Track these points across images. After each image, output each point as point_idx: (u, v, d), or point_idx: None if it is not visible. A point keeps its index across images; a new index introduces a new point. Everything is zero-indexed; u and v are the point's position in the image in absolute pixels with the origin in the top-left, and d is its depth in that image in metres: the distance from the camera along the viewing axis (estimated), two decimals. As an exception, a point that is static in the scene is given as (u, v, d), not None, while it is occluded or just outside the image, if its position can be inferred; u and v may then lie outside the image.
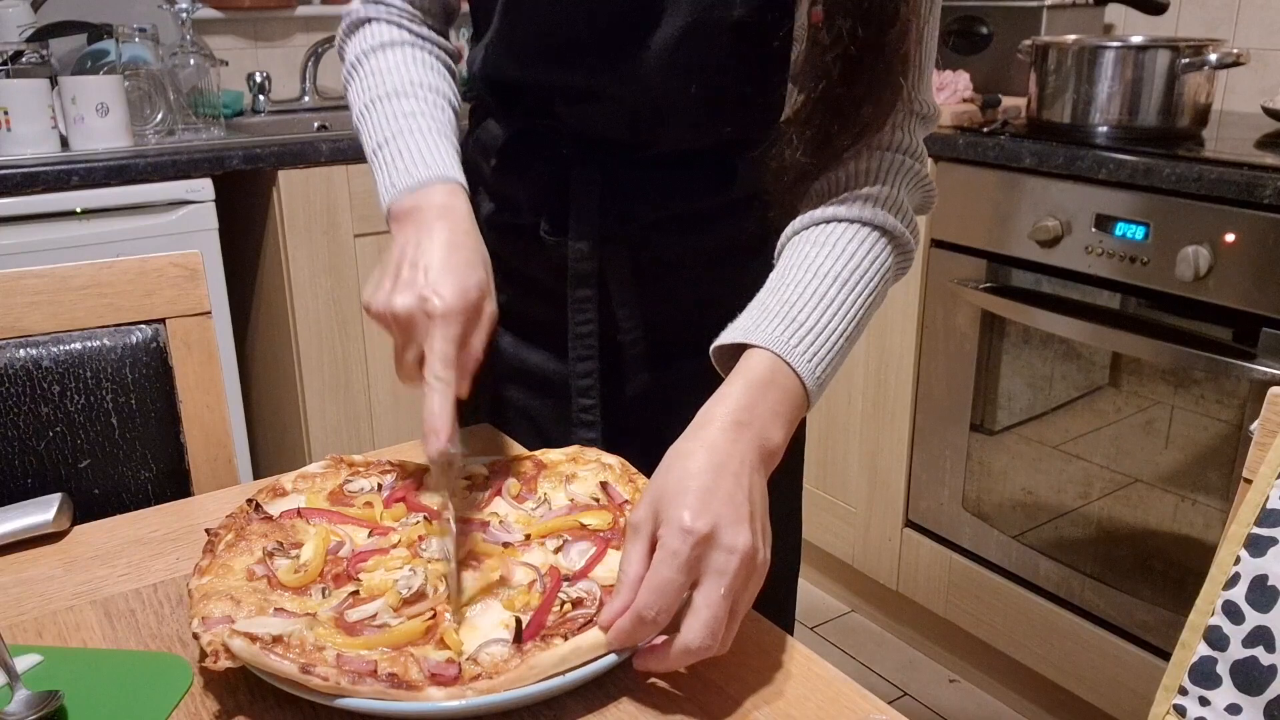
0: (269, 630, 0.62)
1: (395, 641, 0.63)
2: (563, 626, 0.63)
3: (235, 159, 1.94)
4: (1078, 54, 1.77)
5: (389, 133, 0.84)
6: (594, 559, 0.71)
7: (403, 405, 2.23)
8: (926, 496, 2.05)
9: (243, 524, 0.75)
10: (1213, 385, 1.59)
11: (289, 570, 0.70)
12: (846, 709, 0.63)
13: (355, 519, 0.77)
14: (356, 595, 0.67)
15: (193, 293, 1.05)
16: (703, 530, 0.62)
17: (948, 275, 1.90)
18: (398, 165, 0.81)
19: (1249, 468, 0.75)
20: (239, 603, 0.65)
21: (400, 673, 0.60)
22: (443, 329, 0.71)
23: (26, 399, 0.97)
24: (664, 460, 0.67)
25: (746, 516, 0.64)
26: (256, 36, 2.55)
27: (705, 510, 0.62)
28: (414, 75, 0.88)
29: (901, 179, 0.81)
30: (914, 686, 2.10)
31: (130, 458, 1.01)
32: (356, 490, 0.81)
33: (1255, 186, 1.45)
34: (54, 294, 1.00)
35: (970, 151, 1.81)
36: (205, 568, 0.70)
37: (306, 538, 0.74)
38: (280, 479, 0.82)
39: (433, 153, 0.82)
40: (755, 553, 0.63)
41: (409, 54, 0.89)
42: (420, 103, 0.86)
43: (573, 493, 0.80)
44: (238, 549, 0.72)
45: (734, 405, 0.68)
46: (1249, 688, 0.69)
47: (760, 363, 0.70)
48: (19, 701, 0.61)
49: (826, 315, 0.73)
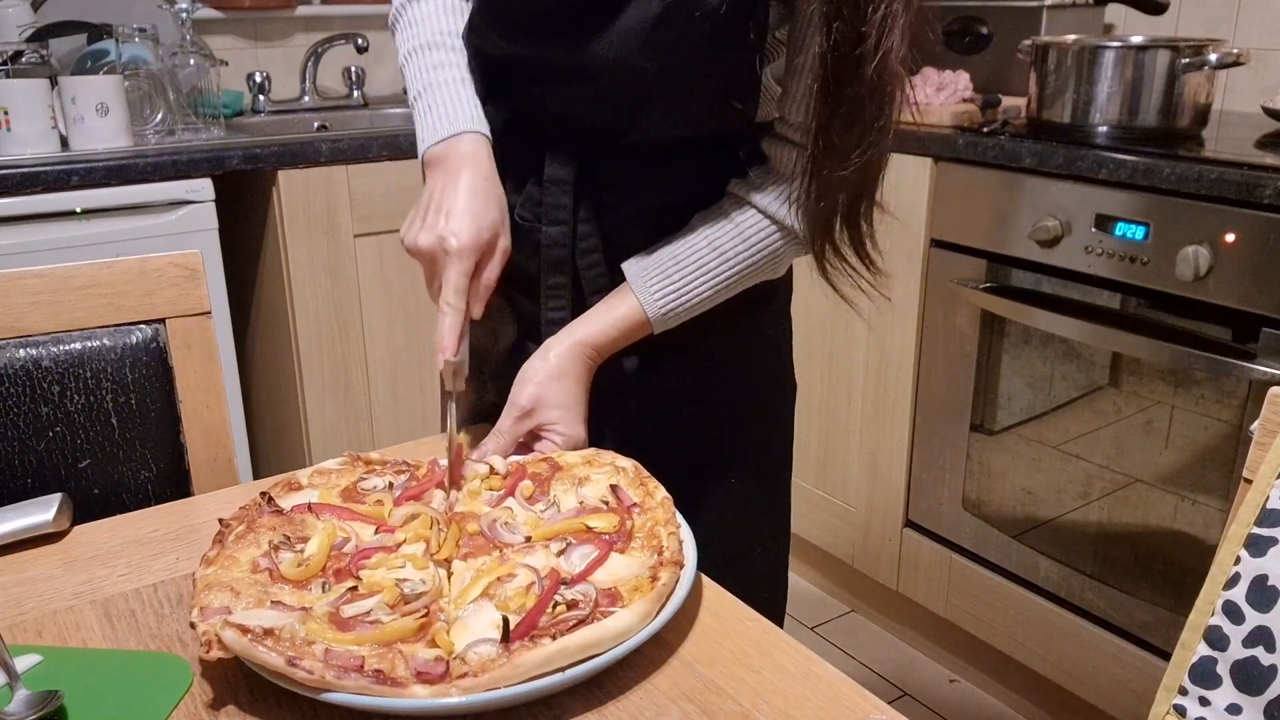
0: (261, 623, 0.62)
1: (386, 638, 0.63)
2: (554, 628, 0.63)
3: (235, 159, 1.94)
4: (1078, 54, 1.77)
5: (422, 85, 0.94)
6: (595, 562, 0.71)
7: (402, 405, 2.23)
8: (926, 496, 2.05)
9: (254, 516, 0.75)
10: (1213, 385, 1.59)
11: (292, 564, 0.70)
12: (846, 709, 0.63)
13: (364, 516, 0.77)
14: (355, 591, 0.67)
15: (193, 293, 1.05)
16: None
17: (948, 275, 1.90)
18: (430, 118, 0.92)
19: (1249, 468, 0.75)
20: (239, 594, 0.65)
21: (386, 669, 0.60)
22: (457, 264, 0.85)
23: (26, 399, 0.97)
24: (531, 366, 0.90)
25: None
26: (256, 36, 2.55)
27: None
28: (444, 24, 0.96)
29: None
30: (914, 686, 2.10)
31: (130, 458, 1.01)
32: (369, 488, 0.82)
33: (1255, 186, 1.45)
34: (54, 294, 1.00)
35: (970, 151, 1.81)
36: (212, 558, 0.70)
37: (314, 533, 0.74)
38: (296, 474, 0.82)
39: (459, 106, 0.92)
40: None
41: (440, 2, 0.97)
42: (449, 53, 0.95)
43: (583, 495, 0.80)
44: (246, 541, 0.72)
45: (592, 331, 0.92)
46: (1249, 688, 0.69)
47: (625, 302, 0.92)
48: (19, 701, 0.61)
49: (700, 283, 0.92)
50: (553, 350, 0.91)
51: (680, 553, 0.71)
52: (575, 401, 0.90)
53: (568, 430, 0.89)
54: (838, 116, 0.80)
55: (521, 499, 0.80)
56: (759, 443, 1.07)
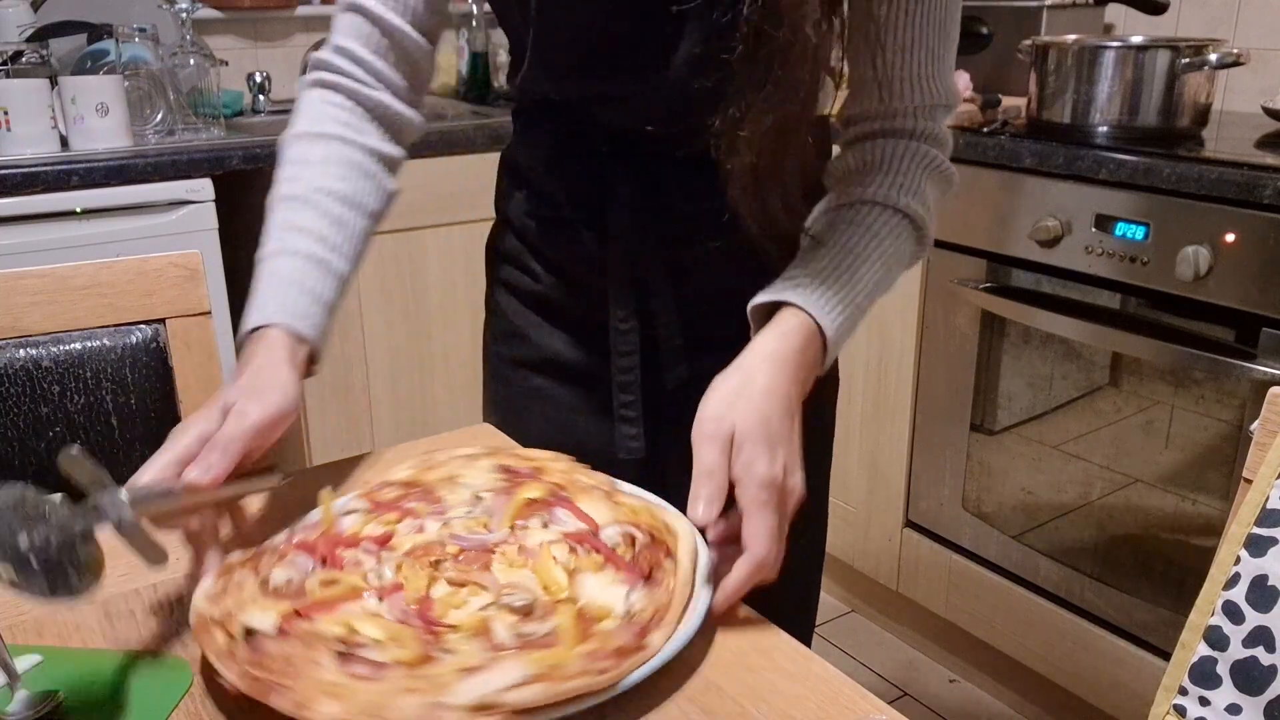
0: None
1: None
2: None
3: (235, 159, 1.94)
4: (1078, 54, 1.77)
5: (265, 252, 0.85)
6: (580, 514, 0.73)
7: (402, 405, 2.23)
8: (926, 496, 2.05)
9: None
10: (1213, 385, 1.59)
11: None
12: (846, 709, 0.63)
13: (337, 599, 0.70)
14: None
15: (193, 293, 1.05)
16: (779, 476, 0.71)
17: (948, 275, 1.90)
18: (256, 298, 0.83)
19: (1249, 468, 0.75)
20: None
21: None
22: (237, 422, 0.72)
23: (26, 399, 0.97)
24: (720, 389, 0.75)
25: (799, 457, 0.74)
26: (256, 36, 2.55)
27: (777, 455, 0.71)
28: (324, 179, 0.88)
29: (922, 166, 0.89)
30: (914, 686, 2.10)
31: (130, 458, 1.01)
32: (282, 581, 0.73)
33: (1255, 186, 1.45)
34: (54, 294, 1.00)
35: (970, 151, 1.81)
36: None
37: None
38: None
39: (274, 294, 0.83)
40: (800, 490, 0.74)
41: (334, 151, 0.89)
42: (312, 216, 0.86)
43: (475, 486, 0.78)
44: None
45: (778, 347, 0.78)
46: (1249, 688, 0.69)
47: (795, 316, 0.79)
48: (19, 701, 0.61)
49: (849, 285, 0.82)
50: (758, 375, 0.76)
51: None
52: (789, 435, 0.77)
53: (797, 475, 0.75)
54: (753, 78, 0.78)
55: (435, 520, 0.76)
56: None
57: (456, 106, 2.55)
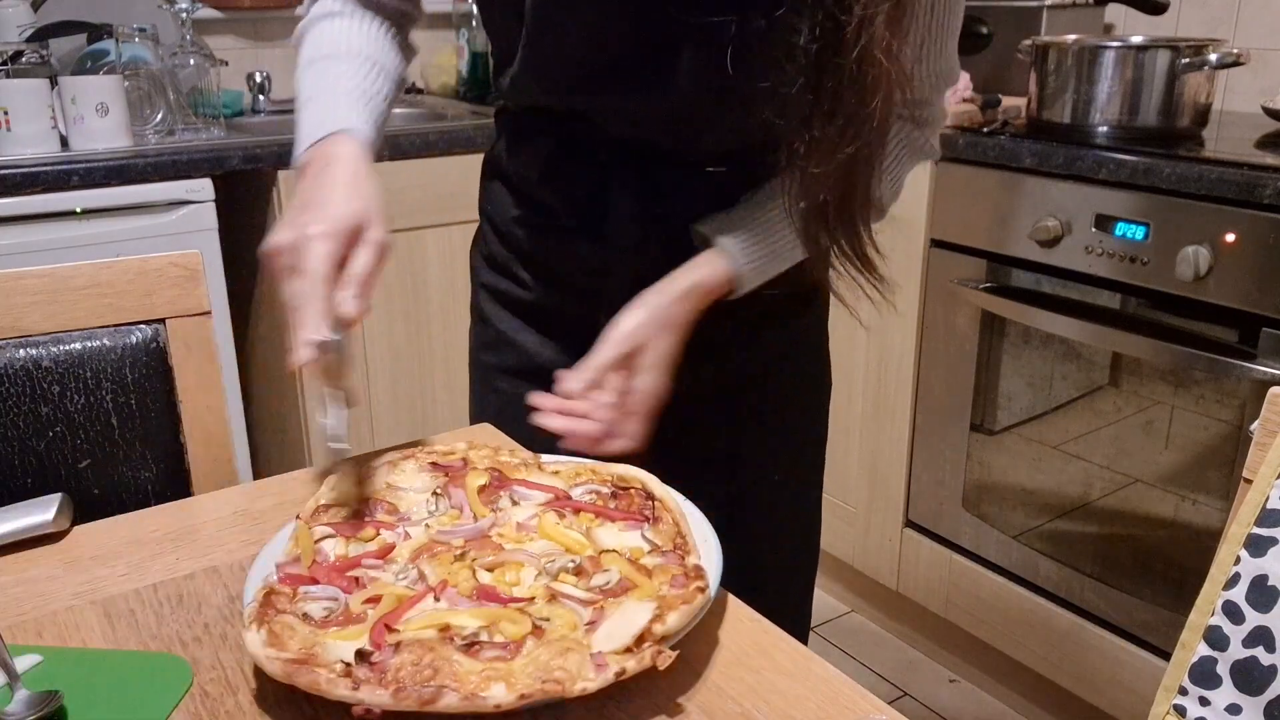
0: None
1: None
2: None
3: (235, 159, 1.94)
4: (1078, 54, 1.77)
5: (310, 94, 0.88)
6: (538, 486, 0.79)
7: (402, 405, 2.23)
8: (926, 496, 2.05)
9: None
10: (1213, 385, 1.59)
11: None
12: (846, 709, 0.63)
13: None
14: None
15: (193, 293, 1.05)
16: (657, 393, 0.87)
17: (948, 275, 1.90)
18: (306, 125, 0.86)
19: (1249, 468, 0.75)
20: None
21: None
22: (316, 246, 0.75)
23: (26, 399, 0.97)
24: (643, 310, 0.87)
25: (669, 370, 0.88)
26: (256, 36, 2.55)
27: (660, 377, 0.87)
28: (351, 43, 0.91)
29: (903, 147, 0.92)
30: (914, 686, 2.10)
31: (130, 458, 1.01)
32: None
33: (1255, 186, 1.45)
34: (54, 294, 1.00)
35: (970, 151, 1.81)
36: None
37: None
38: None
39: (333, 111, 0.86)
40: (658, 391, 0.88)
41: (352, 23, 0.92)
42: (349, 63, 0.89)
43: (415, 487, 0.80)
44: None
45: (698, 284, 0.89)
46: (1249, 688, 0.69)
47: (720, 259, 0.89)
48: (19, 701, 0.61)
49: (776, 256, 0.90)
50: (666, 297, 0.87)
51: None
52: (673, 355, 0.88)
53: (659, 382, 0.87)
54: (819, 110, 0.77)
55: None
56: (796, 447, 1.08)
57: (456, 106, 2.55)
